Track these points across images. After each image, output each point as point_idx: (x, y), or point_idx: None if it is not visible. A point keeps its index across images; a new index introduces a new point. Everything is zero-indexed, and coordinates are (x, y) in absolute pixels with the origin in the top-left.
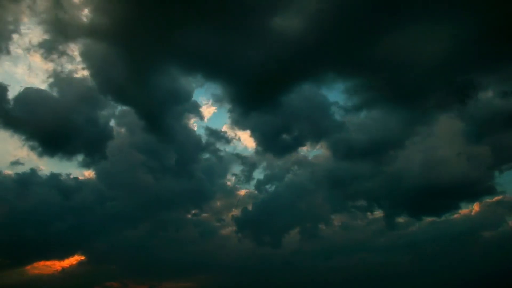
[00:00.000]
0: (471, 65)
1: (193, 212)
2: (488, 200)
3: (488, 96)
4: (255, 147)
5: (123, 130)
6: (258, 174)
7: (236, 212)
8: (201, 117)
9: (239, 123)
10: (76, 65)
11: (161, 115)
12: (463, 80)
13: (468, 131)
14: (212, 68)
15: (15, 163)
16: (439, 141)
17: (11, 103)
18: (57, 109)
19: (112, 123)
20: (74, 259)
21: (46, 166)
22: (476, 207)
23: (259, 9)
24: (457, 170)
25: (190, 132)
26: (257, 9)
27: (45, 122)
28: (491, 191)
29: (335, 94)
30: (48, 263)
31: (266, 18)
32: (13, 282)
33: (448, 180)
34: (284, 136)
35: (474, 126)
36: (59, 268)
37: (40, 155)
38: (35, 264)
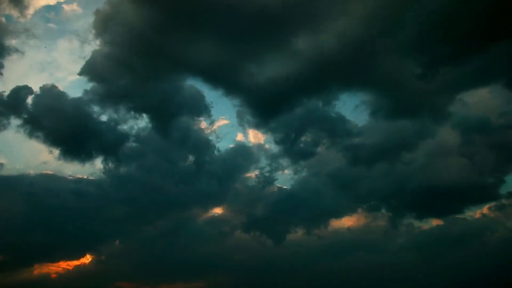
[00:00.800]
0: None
1: (205, 213)
2: (495, 203)
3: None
4: (272, 153)
5: (139, 135)
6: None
7: (248, 212)
8: (213, 124)
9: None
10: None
11: (178, 121)
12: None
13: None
14: (233, 79)
15: (36, 165)
16: (446, 146)
17: (32, 105)
18: (75, 114)
19: (128, 128)
20: (84, 260)
21: (61, 168)
22: (483, 209)
23: (286, 28)
24: (463, 174)
25: (206, 137)
26: (283, 29)
27: (64, 125)
28: (498, 194)
29: (347, 106)
30: (58, 263)
31: (292, 37)
32: (20, 282)
33: (454, 183)
34: (301, 142)
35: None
36: (69, 268)
37: (59, 158)
38: (44, 264)
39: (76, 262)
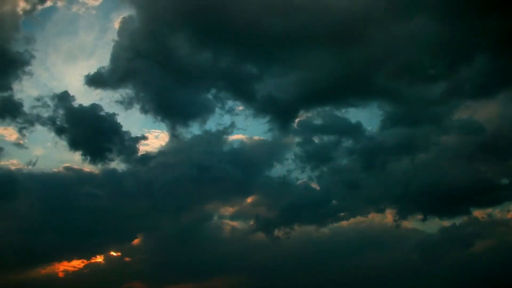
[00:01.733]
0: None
1: (222, 213)
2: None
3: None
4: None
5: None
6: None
7: (262, 213)
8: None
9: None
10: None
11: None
12: None
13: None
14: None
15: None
16: (452, 149)
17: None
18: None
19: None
20: (96, 259)
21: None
22: (490, 211)
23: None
24: (469, 176)
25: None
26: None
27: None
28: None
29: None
30: (73, 262)
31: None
32: (29, 281)
33: (461, 185)
34: (319, 146)
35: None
36: (81, 267)
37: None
38: (56, 263)
39: (87, 262)
